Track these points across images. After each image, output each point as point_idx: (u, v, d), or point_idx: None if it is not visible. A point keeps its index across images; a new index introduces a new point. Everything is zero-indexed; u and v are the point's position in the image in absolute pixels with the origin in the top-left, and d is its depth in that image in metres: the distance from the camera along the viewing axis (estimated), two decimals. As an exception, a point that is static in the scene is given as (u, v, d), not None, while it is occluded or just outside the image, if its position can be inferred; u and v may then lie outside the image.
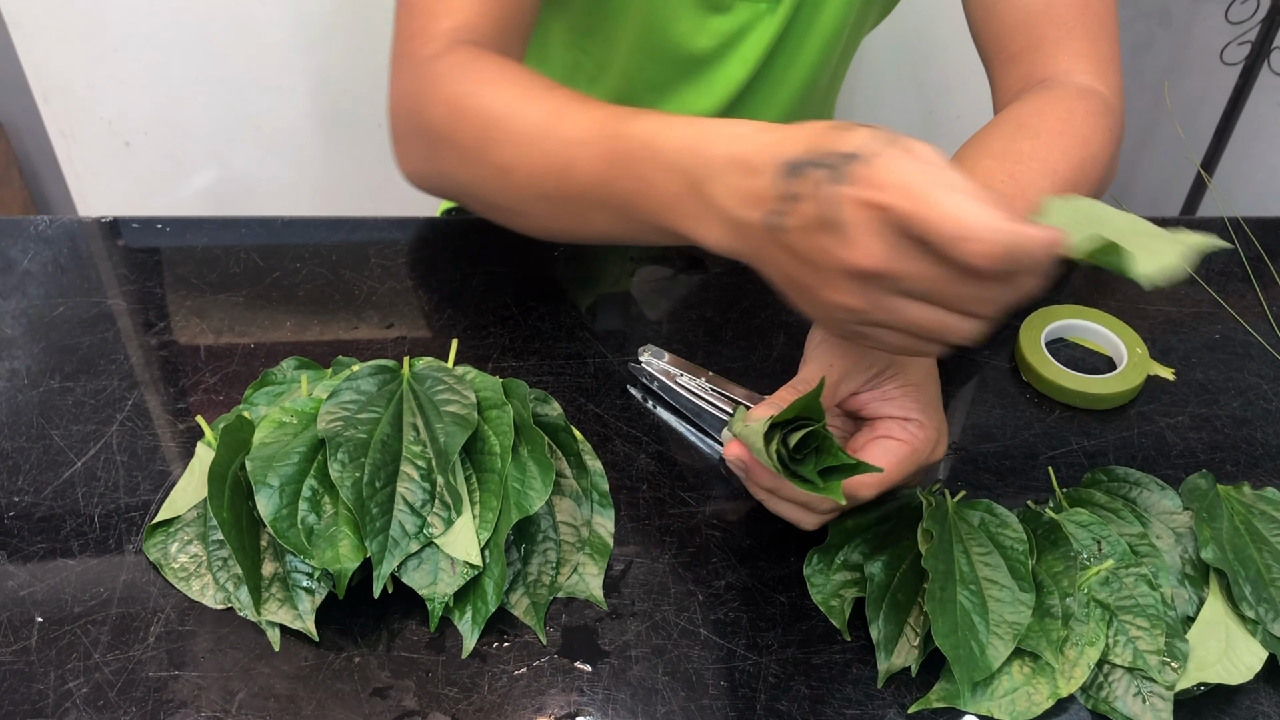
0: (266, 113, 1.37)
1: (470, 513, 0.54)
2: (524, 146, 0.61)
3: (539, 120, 0.61)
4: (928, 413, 0.54)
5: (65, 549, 0.55)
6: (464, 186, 0.68)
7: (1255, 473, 0.64)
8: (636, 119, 0.56)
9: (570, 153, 0.59)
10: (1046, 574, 0.54)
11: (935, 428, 0.54)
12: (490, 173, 0.64)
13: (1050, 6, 0.79)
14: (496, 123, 0.63)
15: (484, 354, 0.68)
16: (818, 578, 0.56)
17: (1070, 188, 0.72)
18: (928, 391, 0.55)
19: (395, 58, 0.72)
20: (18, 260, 0.74)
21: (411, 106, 0.69)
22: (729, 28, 0.85)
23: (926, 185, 0.42)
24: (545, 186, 0.61)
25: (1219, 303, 0.77)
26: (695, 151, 0.52)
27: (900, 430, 0.54)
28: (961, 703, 0.50)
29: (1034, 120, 0.74)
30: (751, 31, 0.85)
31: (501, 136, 0.62)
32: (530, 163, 0.61)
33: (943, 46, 1.47)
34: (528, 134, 0.61)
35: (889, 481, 0.53)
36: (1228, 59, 1.63)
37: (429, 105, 0.67)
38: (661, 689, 0.51)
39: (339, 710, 0.49)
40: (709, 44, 0.85)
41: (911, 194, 0.42)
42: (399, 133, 0.71)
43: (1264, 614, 0.53)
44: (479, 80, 0.64)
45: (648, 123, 0.55)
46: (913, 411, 0.54)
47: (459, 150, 0.65)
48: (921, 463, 0.53)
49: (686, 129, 0.53)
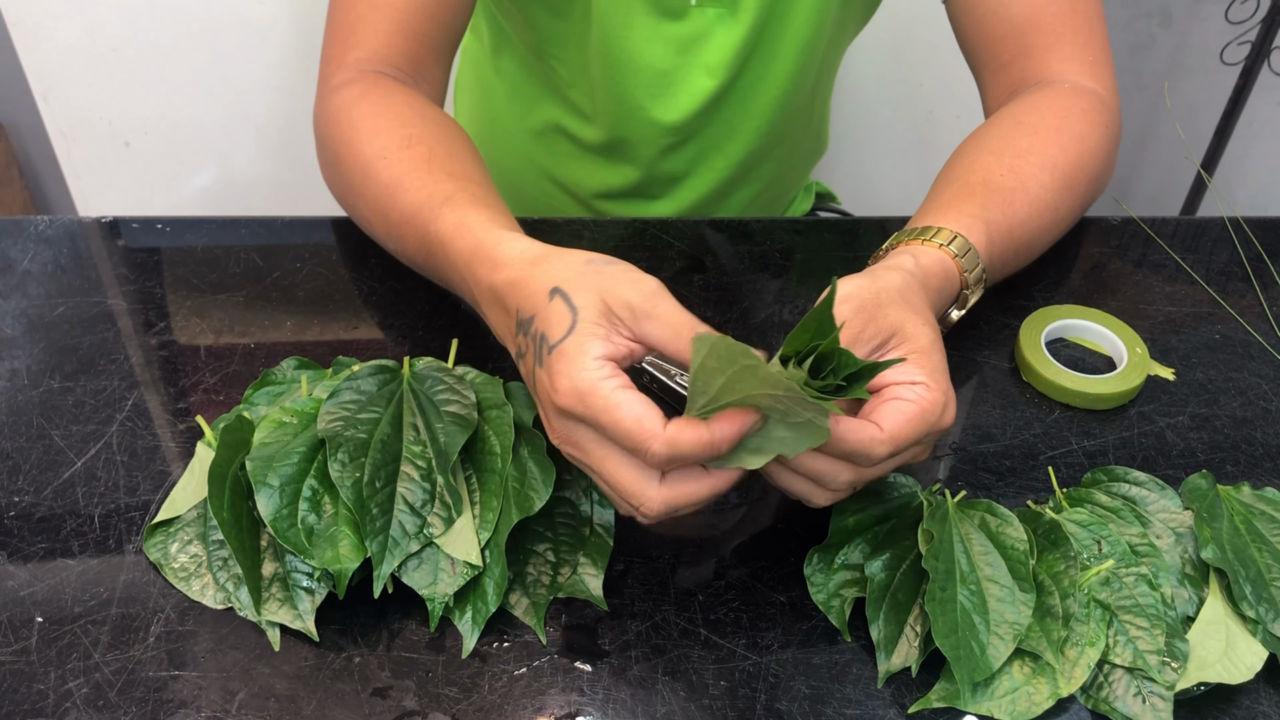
0: (266, 113, 1.37)
1: (470, 513, 0.54)
2: (375, 204, 0.68)
3: (385, 186, 0.67)
4: (935, 377, 0.53)
5: (65, 549, 0.55)
6: (350, 214, 0.76)
7: (1255, 473, 0.64)
8: (442, 215, 0.62)
9: (401, 228, 0.66)
10: (1047, 574, 0.54)
11: (943, 391, 0.53)
12: (359, 216, 0.73)
13: (1038, 13, 0.78)
14: (362, 174, 0.69)
15: (484, 354, 0.68)
16: (818, 577, 0.55)
17: (1068, 181, 0.72)
18: (934, 358, 0.54)
19: (318, 79, 0.78)
20: (18, 260, 0.74)
21: (318, 131, 0.76)
22: (684, 34, 0.83)
23: (595, 392, 0.48)
24: (392, 245, 0.69)
25: (1219, 303, 0.77)
26: (470, 270, 0.58)
27: (908, 392, 0.52)
28: (962, 703, 0.50)
29: (1031, 118, 0.74)
30: (710, 39, 0.84)
31: (363, 190, 0.69)
32: (380, 220, 0.69)
33: (942, 47, 1.46)
34: (377, 197, 0.68)
35: (900, 440, 0.51)
36: (1228, 59, 1.63)
37: (322, 138, 0.74)
38: (661, 689, 0.51)
39: (339, 710, 0.49)
40: (666, 52, 0.84)
41: (584, 401, 0.48)
42: (316, 147, 0.77)
43: (1264, 614, 0.53)
44: (357, 128, 0.70)
45: (446, 223, 0.61)
46: (919, 375, 0.53)
47: (342, 184, 0.73)
48: (931, 426, 0.52)
49: (468, 240, 0.59)
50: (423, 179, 0.65)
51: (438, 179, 0.65)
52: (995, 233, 0.66)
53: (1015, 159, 0.71)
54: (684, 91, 0.86)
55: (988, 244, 0.65)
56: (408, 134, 0.68)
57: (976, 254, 0.64)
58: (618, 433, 0.48)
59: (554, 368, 0.50)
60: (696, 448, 0.47)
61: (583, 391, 0.48)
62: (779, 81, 0.87)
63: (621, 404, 0.48)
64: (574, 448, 0.51)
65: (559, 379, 0.49)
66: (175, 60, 1.30)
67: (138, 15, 1.26)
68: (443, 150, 0.68)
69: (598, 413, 0.48)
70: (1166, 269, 0.80)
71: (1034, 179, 0.70)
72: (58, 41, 1.26)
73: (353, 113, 0.71)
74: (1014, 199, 0.68)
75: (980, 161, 0.71)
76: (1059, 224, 0.73)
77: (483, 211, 0.61)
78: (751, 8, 0.81)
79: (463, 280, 0.60)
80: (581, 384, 0.48)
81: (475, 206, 0.61)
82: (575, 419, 0.50)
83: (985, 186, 0.69)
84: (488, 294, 0.57)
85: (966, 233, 0.64)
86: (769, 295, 0.75)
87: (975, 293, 0.65)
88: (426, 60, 0.77)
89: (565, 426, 0.51)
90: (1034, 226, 0.70)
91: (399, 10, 0.75)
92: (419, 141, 0.68)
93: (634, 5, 0.81)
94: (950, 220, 0.65)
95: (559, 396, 0.49)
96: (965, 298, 0.65)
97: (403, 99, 0.72)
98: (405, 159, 0.67)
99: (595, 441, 0.50)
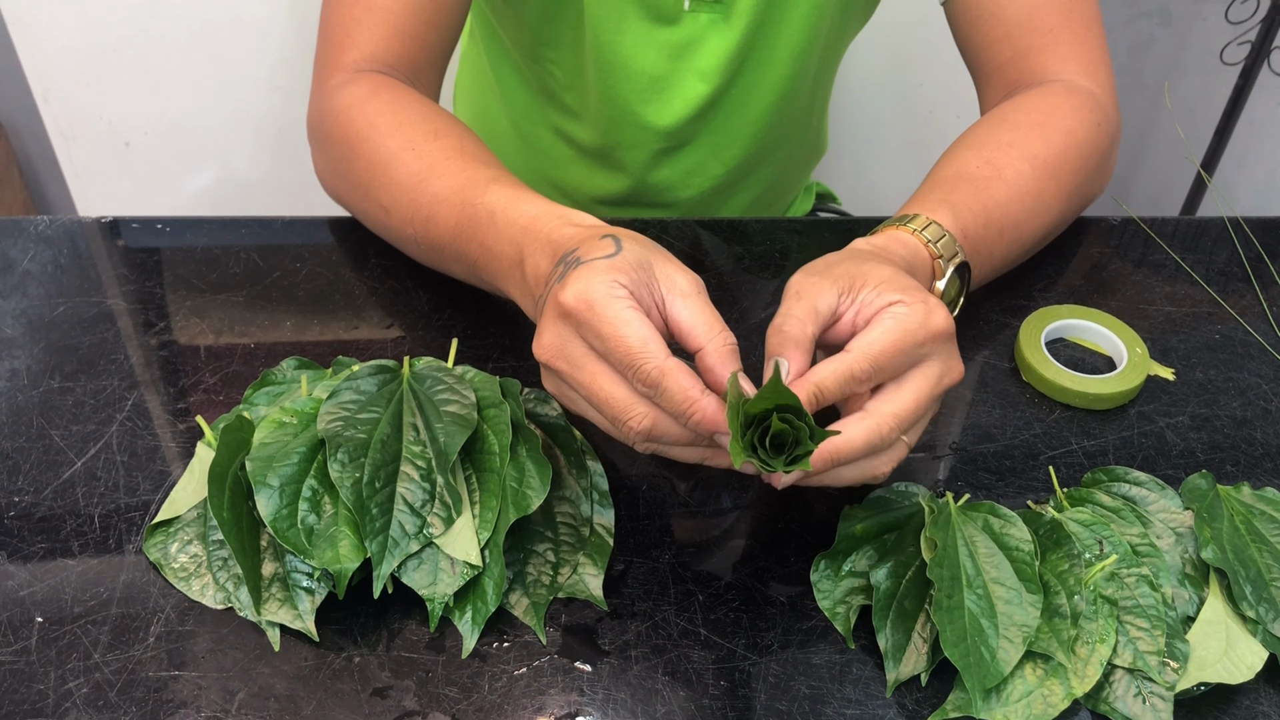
0: (266, 113, 1.37)
1: (470, 513, 0.54)
2: (400, 192, 0.67)
3: (417, 171, 0.67)
4: (910, 292, 0.52)
5: (65, 549, 0.55)
6: (356, 214, 0.75)
7: (1255, 473, 0.64)
8: (491, 189, 0.62)
9: (433, 208, 0.65)
10: (1051, 574, 0.54)
11: (922, 300, 0.52)
12: (374, 209, 0.71)
13: (1035, 14, 0.78)
14: (385, 165, 0.68)
15: (484, 354, 0.68)
16: (825, 584, 0.55)
17: (1051, 171, 0.72)
18: (902, 279, 0.53)
19: (312, 82, 0.78)
20: (18, 260, 0.74)
21: (317, 133, 0.75)
22: (677, 39, 0.83)
23: (606, 304, 0.48)
24: (414, 232, 0.68)
25: (1219, 303, 0.77)
26: (530, 229, 0.57)
27: (886, 314, 0.52)
28: (976, 710, 0.49)
29: (1017, 115, 0.75)
30: (703, 44, 0.83)
31: (385, 179, 0.68)
32: (403, 208, 0.68)
33: (942, 47, 1.46)
34: (404, 182, 0.67)
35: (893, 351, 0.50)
36: (1228, 59, 1.63)
37: (329, 138, 0.73)
38: (661, 689, 0.51)
39: (339, 710, 0.49)
40: (658, 56, 0.83)
41: (591, 308, 0.48)
42: (312, 151, 0.77)
43: (1264, 614, 0.53)
44: (376, 121, 0.70)
45: (499, 195, 0.61)
46: (892, 295, 0.52)
47: (350, 184, 0.72)
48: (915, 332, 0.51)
49: (529, 207, 0.59)
50: (461, 164, 0.66)
51: (475, 166, 0.65)
52: (963, 211, 0.65)
53: (994, 151, 0.71)
54: (677, 96, 0.86)
55: (954, 220, 0.64)
56: (433, 128, 0.69)
57: (941, 228, 0.63)
58: (617, 347, 0.47)
59: (572, 274, 0.49)
60: (680, 396, 0.48)
61: (592, 300, 0.48)
62: (774, 86, 0.87)
63: (630, 321, 0.48)
64: (564, 361, 0.50)
65: (572, 283, 0.49)
66: (175, 60, 1.30)
67: (138, 15, 1.26)
68: (471, 144, 0.68)
69: (602, 324, 0.48)
70: (1166, 269, 0.80)
71: (1011, 168, 0.70)
72: (58, 41, 1.26)
73: (368, 108, 0.71)
74: (989, 185, 0.68)
75: (958, 157, 0.71)
76: (1047, 212, 0.72)
77: (534, 193, 0.62)
78: (745, 12, 0.81)
79: (510, 244, 0.59)
80: (594, 294, 0.48)
81: (523, 189, 0.62)
82: (573, 326, 0.49)
83: (957, 177, 0.69)
84: (541, 247, 0.56)
85: (929, 214, 0.63)
86: (768, 296, 0.75)
87: (952, 265, 0.63)
88: (422, 64, 0.77)
89: (559, 337, 0.50)
90: (1015, 210, 0.69)
91: (394, 14, 0.75)
92: (446, 134, 0.68)
93: (626, 9, 0.81)
94: (912, 209, 0.65)
95: (565, 296, 0.49)
96: (941, 268, 0.63)
97: (415, 98, 0.72)
98: (437, 149, 0.67)
99: (588, 357, 0.50)
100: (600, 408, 0.50)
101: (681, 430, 0.50)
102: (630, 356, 0.47)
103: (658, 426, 0.49)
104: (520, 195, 0.61)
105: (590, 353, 0.50)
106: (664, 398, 0.48)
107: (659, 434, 0.50)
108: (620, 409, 0.49)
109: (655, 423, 0.49)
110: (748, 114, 0.89)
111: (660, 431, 0.50)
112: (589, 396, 0.50)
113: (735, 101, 0.88)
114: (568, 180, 0.97)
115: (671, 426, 0.50)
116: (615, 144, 0.90)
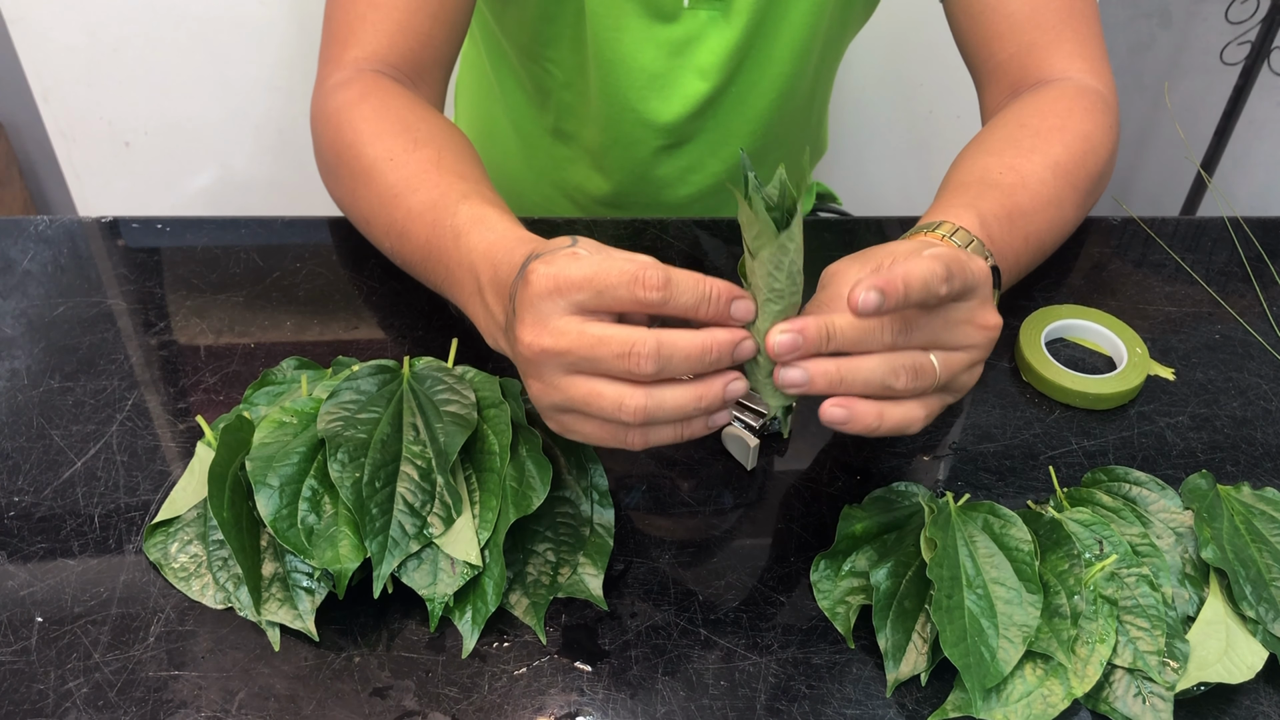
0: (266, 113, 1.37)
1: (470, 513, 0.54)
2: (379, 204, 0.68)
3: (393, 184, 0.67)
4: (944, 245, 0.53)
5: (65, 549, 0.55)
6: (346, 214, 0.75)
7: (1255, 473, 0.64)
8: (460, 208, 0.62)
9: (406, 224, 0.65)
10: (1051, 574, 0.54)
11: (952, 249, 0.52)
12: (357, 215, 0.72)
13: (1036, 12, 0.78)
14: (365, 175, 0.69)
15: (484, 354, 0.68)
16: (825, 584, 0.55)
17: (1071, 178, 0.72)
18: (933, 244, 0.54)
19: (316, 78, 0.78)
20: (18, 260, 0.74)
21: (315, 130, 0.75)
22: (677, 36, 0.83)
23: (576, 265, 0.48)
24: (391, 245, 0.69)
25: (1219, 303, 0.77)
26: (490, 257, 0.57)
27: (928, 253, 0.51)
28: (976, 710, 0.49)
29: (1034, 119, 0.74)
30: (703, 41, 0.83)
31: (365, 190, 0.69)
32: (381, 221, 0.68)
33: (942, 47, 1.46)
34: (382, 195, 0.67)
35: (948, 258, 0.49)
36: (1228, 59, 1.63)
37: (325, 138, 0.73)
38: (661, 689, 0.51)
39: (339, 710, 0.49)
40: (658, 54, 0.83)
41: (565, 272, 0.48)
42: (314, 146, 0.76)
43: (1264, 614, 0.53)
44: (359, 129, 0.70)
45: (466, 215, 0.61)
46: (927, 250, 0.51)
47: (340, 186, 0.72)
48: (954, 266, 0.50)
49: (489, 233, 0.59)
50: (435, 179, 0.65)
51: (450, 179, 0.65)
52: (990, 217, 0.64)
53: (1016, 158, 0.70)
54: (676, 94, 0.86)
55: (981, 226, 0.63)
56: (413, 137, 0.68)
57: (968, 234, 0.62)
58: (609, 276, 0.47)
59: (532, 267, 0.49)
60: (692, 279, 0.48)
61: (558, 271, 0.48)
62: (774, 84, 0.87)
63: (613, 255, 0.48)
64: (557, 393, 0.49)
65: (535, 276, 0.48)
66: (175, 60, 1.30)
67: (138, 15, 1.26)
68: (450, 154, 0.68)
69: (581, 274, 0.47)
70: (1166, 269, 0.80)
71: (1035, 176, 0.69)
72: (58, 41, 1.26)
73: (353, 115, 0.71)
74: (1013, 192, 0.68)
75: (979, 163, 0.71)
76: (1065, 219, 0.72)
77: (501, 213, 0.61)
78: (745, 10, 0.81)
79: (469, 271, 0.59)
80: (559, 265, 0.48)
81: (492, 207, 0.62)
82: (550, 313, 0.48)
83: (981, 182, 0.68)
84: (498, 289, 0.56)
85: (955, 220, 0.63)
86: (769, 295, 0.75)
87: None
88: (428, 62, 0.77)
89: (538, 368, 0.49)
90: (1039, 219, 0.69)
91: (401, 10, 0.74)
92: (425, 144, 0.68)
93: (626, 7, 0.81)
94: (937, 215, 0.64)
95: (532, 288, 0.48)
96: None
97: (403, 101, 0.72)
98: (414, 160, 0.67)
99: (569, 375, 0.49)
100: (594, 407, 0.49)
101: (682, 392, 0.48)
102: (627, 275, 0.47)
103: (651, 404, 0.48)
104: (483, 217, 0.60)
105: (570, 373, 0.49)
106: (676, 289, 0.47)
107: (656, 405, 0.48)
108: (610, 399, 0.48)
109: (650, 394, 0.48)
110: (747, 112, 0.89)
111: (657, 401, 0.48)
112: (583, 404, 0.49)
113: (735, 99, 0.88)
114: (568, 180, 0.97)
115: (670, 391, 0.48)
116: (615, 141, 0.90)
